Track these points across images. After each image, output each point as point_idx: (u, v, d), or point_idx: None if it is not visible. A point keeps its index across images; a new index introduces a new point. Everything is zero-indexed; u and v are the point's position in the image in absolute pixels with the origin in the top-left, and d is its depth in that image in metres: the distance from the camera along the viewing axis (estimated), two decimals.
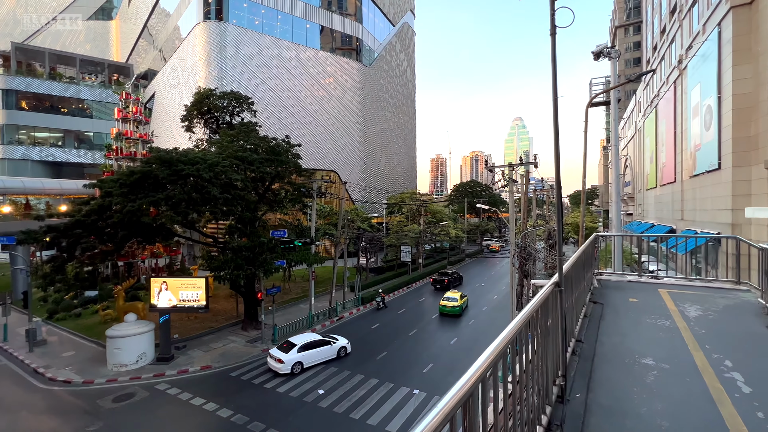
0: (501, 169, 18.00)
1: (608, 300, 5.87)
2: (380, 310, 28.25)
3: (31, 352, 20.42)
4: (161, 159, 17.53)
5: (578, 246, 11.74)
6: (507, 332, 2.01)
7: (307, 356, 17.60)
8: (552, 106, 2.85)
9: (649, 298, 5.90)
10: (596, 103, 10.34)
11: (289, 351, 17.22)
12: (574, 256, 4.82)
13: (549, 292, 2.84)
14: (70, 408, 14.63)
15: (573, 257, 4.76)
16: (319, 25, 51.61)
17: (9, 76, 56.60)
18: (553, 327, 3.06)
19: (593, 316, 5.12)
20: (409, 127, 76.33)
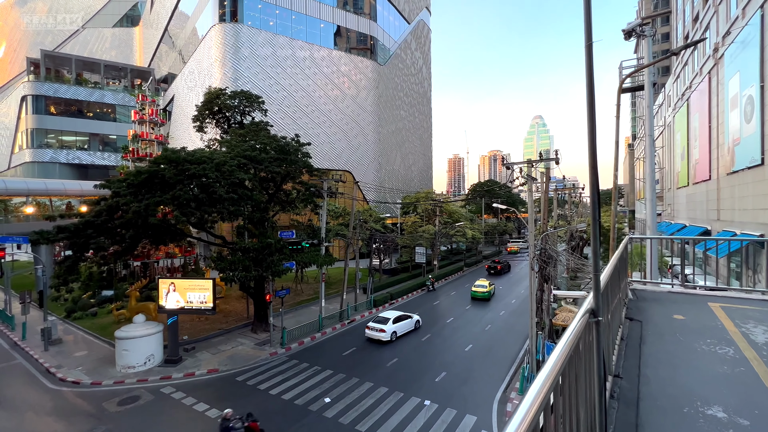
0: (519, 166, 16.90)
1: (648, 317, 4.89)
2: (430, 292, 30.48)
3: (46, 351, 20.65)
4: (168, 159, 17.31)
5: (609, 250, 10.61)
6: (529, 404, 1.20)
7: (399, 327, 21.96)
8: (588, 130, 2.07)
9: (700, 315, 4.88)
10: (628, 88, 9.18)
11: (385, 323, 21.41)
12: (609, 267, 3.91)
13: (583, 327, 1.99)
14: (75, 410, 14.50)
15: (608, 268, 3.86)
16: (334, 25, 51.32)
17: (38, 82, 58.81)
18: (587, 366, 2.19)
19: (631, 338, 4.18)
20: (424, 126, 75.22)
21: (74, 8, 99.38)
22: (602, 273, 3.84)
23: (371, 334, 21.23)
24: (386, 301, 29.95)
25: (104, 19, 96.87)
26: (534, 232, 16.04)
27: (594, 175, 2.42)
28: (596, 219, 2.21)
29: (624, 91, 9.11)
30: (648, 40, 7.93)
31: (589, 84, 2.22)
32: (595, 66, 2.28)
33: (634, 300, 5.78)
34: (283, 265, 19.45)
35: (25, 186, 33.54)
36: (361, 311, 27.64)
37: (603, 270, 4.17)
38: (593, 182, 2.40)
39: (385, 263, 43.49)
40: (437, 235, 39.57)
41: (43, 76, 60.96)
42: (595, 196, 2.28)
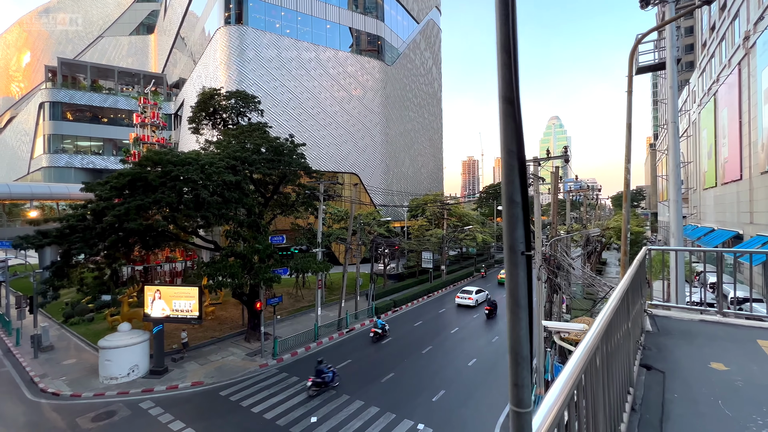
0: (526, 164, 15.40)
1: (673, 365, 3.49)
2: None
3: (35, 359, 20.18)
4: (151, 160, 16.54)
5: (623, 258, 9.07)
6: None
7: (479, 296, 29.80)
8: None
9: (749, 364, 3.45)
10: (645, 67, 7.73)
11: (471, 294, 29.70)
12: (617, 294, 2.61)
13: None
14: (47, 426, 13.73)
15: (616, 295, 2.57)
16: (340, 25, 50.60)
17: (55, 89, 60.13)
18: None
19: (648, 406, 2.81)
20: (434, 127, 73.73)
21: (94, 17, 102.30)
22: (608, 303, 2.53)
23: (461, 301, 29.99)
24: (388, 308, 28.62)
25: (121, 28, 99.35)
26: (541, 238, 14.50)
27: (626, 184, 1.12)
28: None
29: (640, 72, 7.63)
30: (670, 6, 6.50)
31: None
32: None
33: (655, 333, 4.36)
34: (273, 272, 18.38)
35: (29, 190, 33.73)
36: (362, 319, 26.39)
37: (612, 294, 2.85)
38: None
39: (391, 268, 42.17)
40: (445, 239, 38.03)
41: (60, 83, 62.32)
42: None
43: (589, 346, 1.82)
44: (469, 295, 29.75)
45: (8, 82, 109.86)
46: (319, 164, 47.38)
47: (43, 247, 17.80)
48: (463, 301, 29.68)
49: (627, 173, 6.16)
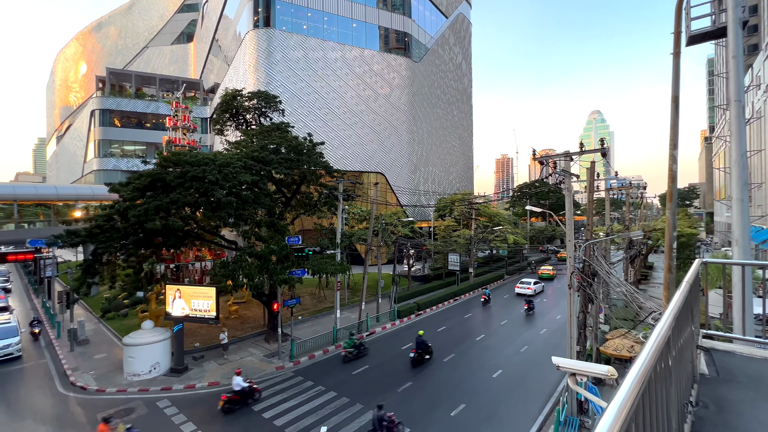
0: (556, 159, 13.95)
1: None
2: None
3: (71, 352, 21.19)
4: (170, 161, 16.72)
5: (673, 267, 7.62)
6: None
7: (536, 287, 33.87)
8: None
9: None
10: (699, 35, 6.11)
11: (530, 284, 33.43)
12: (656, 339, 1.68)
13: None
14: (70, 420, 14.13)
15: (654, 342, 1.65)
16: (366, 23, 50.15)
17: (104, 97, 64.37)
18: None
19: None
20: (464, 124, 71.56)
21: (140, 29, 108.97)
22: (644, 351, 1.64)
23: (520, 290, 33.65)
24: (412, 311, 27.66)
25: (164, 38, 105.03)
26: (573, 242, 13.00)
27: None
28: None
29: (694, 41, 6.12)
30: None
31: None
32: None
33: (712, 380, 3.21)
34: (290, 273, 18.04)
35: (54, 191, 35.82)
36: (383, 322, 25.63)
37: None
38: None
39: (417, 270, 41.10)
40: (473, 240, 36.41)
41: (108, 92, 66.60)
42: None
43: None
44: (528, 285, 33.67)
45: (68, 92, 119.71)
46: (345, 164, 47.21)
47: (76, 245, 18.55)
48: (522, 290, 33.54)
49: (673, 162, 4.88)
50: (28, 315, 30.67)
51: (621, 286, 12.00)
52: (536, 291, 33.90)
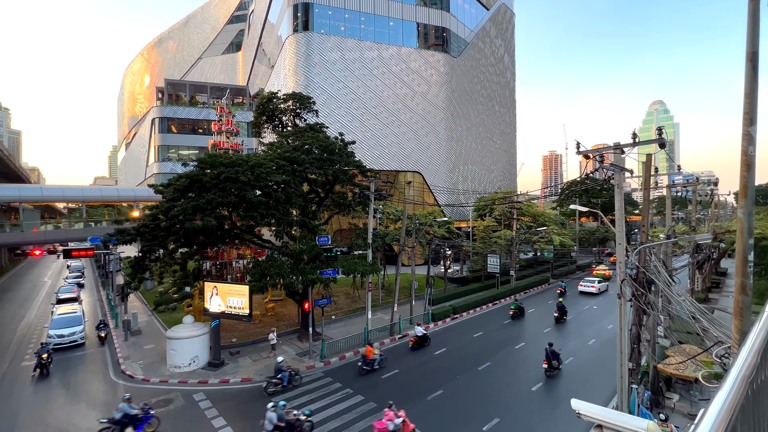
0: (605, 152, 12.49)
1: None
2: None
3: (125, 341, 22.91)
4: (206, 162, 17.36)
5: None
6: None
7: (601, 285, 33.89)
8: None
9: None
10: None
11: (594, 282, 33.73)
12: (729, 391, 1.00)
13: None
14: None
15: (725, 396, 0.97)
16: (403, 21, 49.56)
17: (162, 106, 69.75)
18: None
19: None
20: (507, 120, 68.44)
21: (195, 42, 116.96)
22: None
23: (584, 288, 33.86)
24: (447, 315, 26.67)
25: (216, 49, 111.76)
26: (624, 245, 11.50)
27: None
28: None
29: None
30: None
31: None
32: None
33: None
34: (319, 273, 18.01)
35: (99, 193, 38.97)
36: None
37: None
38: None
39: (454, 271, 39.82)
40: (514, 241, 34.47)
41: (166, 101, 72.04)
42: None
43: None
44: (593, 283, 33.93)
45: (134, 103, 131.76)
46: (382, 164, 46.98)
47: (127, 243, 19.94)
48: (586, 288, 33.68)
49: (748, 144, 3.69)
50: (94, 306, 33.86)
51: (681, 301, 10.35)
52: (600, 290, 33.86)
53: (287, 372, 16.07)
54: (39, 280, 49.41)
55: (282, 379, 15.84)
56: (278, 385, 15.76)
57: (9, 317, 30.51)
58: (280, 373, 15.88)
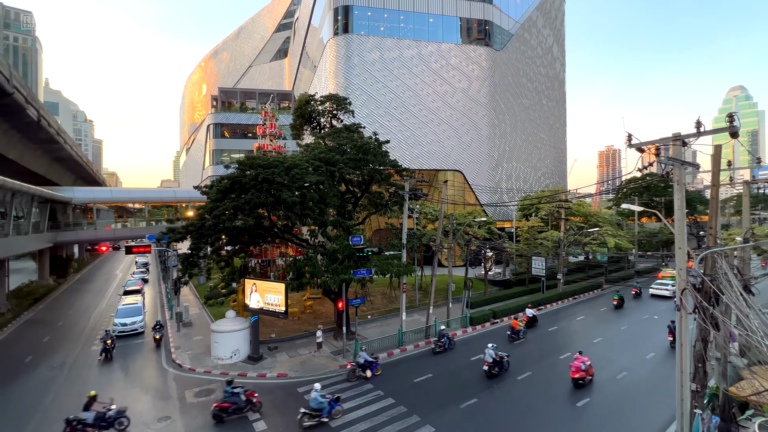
0: (662, 144, 11.10)
1: None
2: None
3: (177, 332, 24.69)
4: (245, 164, 18.10)
5: None
6: None
7: (674, 289, 30.93)
8: None
9: None
10: None
11: (668, 285, 32.09)
12: None
13: None
14: (166, 393, 16.21)
15: None
16: (443, 16, 48.51)
17: (216, 113, 74.58)
18: None
19: None
20: (556, 114, 64.51)
21: (246, 51, 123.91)
22: None
23: (655, 291, 32.55)
24: (486, 319, 25.56)
25: (265, 56, 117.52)
26: (685, 249, 10.10)
27: None
28: None
29: None
30: None
31: None
32: None
33: None
34: (353, 273, 18.03)
35: (156, 195, 42.06)
36: (454, 329, 24.14)
37: None
38: None
39: (496, 274, 38.22)
40: (562, 242, 32.24)
41: (219, 108, 76.97)
42: None
43: None
44: (666, 286, 32.57)
45: (194, 111, 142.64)
46: (421, 162, 46.38)
47: (177, 241, 21.43)
48: (659, 291, 32.35)
49: None
50: (155, 298, 36.97)
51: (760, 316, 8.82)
52: (674, 293, 30.85)
53: None
54: (112, 273, 55.13)
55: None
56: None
57: (85, 306, 34.27)
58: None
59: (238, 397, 13.79)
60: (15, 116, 25.33)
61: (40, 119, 27.16)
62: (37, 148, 33.55)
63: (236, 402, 13.72)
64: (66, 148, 35.71)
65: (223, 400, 13.77)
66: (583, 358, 16.23)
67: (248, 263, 29.56)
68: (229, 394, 13.84)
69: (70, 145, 37.43)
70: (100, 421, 12.60)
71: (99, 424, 12.55)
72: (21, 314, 30.63)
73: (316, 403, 13.26)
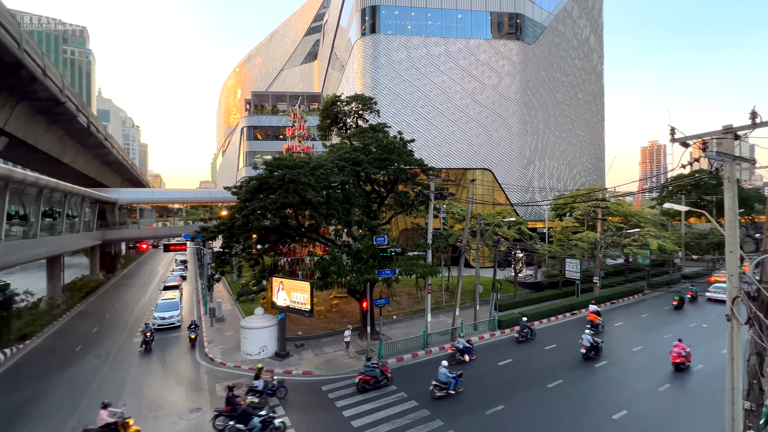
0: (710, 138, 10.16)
1: None
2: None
3: (211, 327, 25.76)
4: (272, 165, 18.52)
5: None
6: None
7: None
8: None
9: None
10: None
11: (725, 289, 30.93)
12: None
13: None
14: (198, 386, 16.92)
15: None
16: (471, 12, 47.45)
17: (249, 116, 77.20)
18: None
19: None
20: (593, 108, 61.39)
21: (277, 56, 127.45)
22: None
23: (712, 295, 30.70)
24: (516, 322, 24.67)
25: (295, 60, 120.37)
26: (737, 254, 9.16)
27: None
28: None
29: None
30: None
31: None
32: None
33: None
34: (376, 274, 17.98)
35: (222, 195, 43.84)
36: (481, 332, 23.52)
37: None
38: None
39: (527, 276, 36.89)
40: (599, 244, 30.55)
41: (252, 111, 79.59)
42: None
43: None
44: (723, 290, 30.48)
45: (229, 115, 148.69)
46: (449, 161, 45.65)
47: (211, 239, 22.35)
48: (716, 295, 30.80)
49: None
50: (192, 294, 38.83)
51: None
52: None
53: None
54: (154, 269, 58.57)
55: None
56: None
57: (130, 299, 36.61)
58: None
59: (377, 371, 15.97)
60: (68, 123, 27.44)
61: (89, 125, 29.26)
62: (88, 153, 36.20)
63: (375, 375, 15.87)
64: (113, 152, 38.29)
65: (365, 374, 15.87)
66: (682, 345, 17.64)
67: (278, 262, 30.35)
68: (369, 368, 15.96)
69: (116, 150, 40.10)
70: (267, 388, 15.04)
71: (267, 391, 15.01)
72: (74, 306, 33.20)
73: (444, 377, 15.30)
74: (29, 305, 29.60)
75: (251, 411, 12.61)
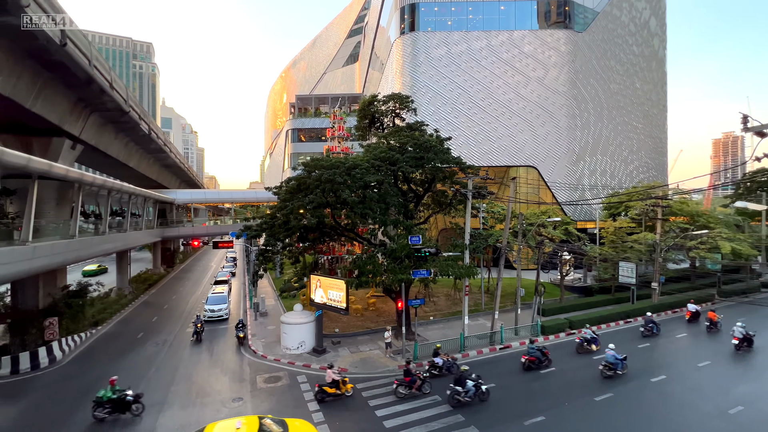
0: None
1: None
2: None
3: (255, 321, 27.08)
4: (310, 166, 18.99)
5: None
6: None
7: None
8: None
9: None
10: None
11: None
12: None
13: None
14: (240, 376, 17.82)
15: None
16: (515, 2, 45.42)
17: (293, 119, 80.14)
18: None
19: None
20: (653, 98, 56.27)
21: (320, 59, 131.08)
22: None
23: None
24: (561, 329, 23.29)
25: (338, 62, 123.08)
26: None
27: None
28: None
29: None
30: None
31: None
32: None
33: None
34: (411, 274, 17.79)
35: (266, 196, 45.85)
36: (523, 337, 22.41)
37: None
38: None
39: (575, 279, 34.67)
40: (658, 246, 27.88)
41: (296, 114, 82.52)
42: None
43: None
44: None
45: (276, 118, 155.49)
46: (491, 159, 44.19)
47: (255, 237, 23.43)
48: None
49: None
50: (239, 288, 41.13)
51: None
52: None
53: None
54: (208, 265, 62.90)
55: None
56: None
57: (186, 292, 39.58)
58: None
59: (540, 353, 17.32)
60: (132, 131, 30.23)
61: (150, 132, 32.02)
62: (150, 157, 39.66)
63: (538, 356, 17.15)
64: (171, 156, 41.61)
65: (530, 354, 17.18)
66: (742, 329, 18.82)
67: (318, 259, 31.19)
68: (534, 350, 17.33)
69: (174, 154, 43.55)
70: (445, 364, 16.83)
71: (445, 366, 16.77)
72: (139, 296, 36.57)
73: (612, 358, 16.49)
74: (102, 295, 33.05)
75: (467, 375, 14.53)
